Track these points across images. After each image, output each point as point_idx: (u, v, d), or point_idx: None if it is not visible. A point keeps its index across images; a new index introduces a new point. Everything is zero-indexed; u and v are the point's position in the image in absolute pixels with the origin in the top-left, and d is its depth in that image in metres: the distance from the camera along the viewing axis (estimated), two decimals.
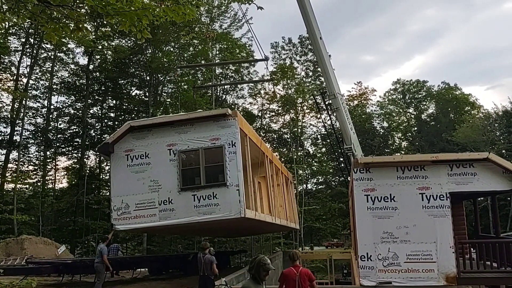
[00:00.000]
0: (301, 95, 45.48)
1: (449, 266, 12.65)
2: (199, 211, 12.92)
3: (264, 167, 17.84)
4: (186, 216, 12.98)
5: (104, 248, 14.28)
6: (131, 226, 13.47)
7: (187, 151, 13.45)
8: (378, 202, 13.22)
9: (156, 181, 13.35)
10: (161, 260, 20.58)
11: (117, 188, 13.64)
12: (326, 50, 22.18)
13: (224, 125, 13.33)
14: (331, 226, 45.82)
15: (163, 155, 13.48)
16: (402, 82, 63.92)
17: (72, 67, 40.79)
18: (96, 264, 14.07)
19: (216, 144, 13.25)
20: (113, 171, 13.98)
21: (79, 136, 40.68)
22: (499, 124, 50.76)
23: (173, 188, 13.19)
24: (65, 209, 38.74)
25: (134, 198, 13.33)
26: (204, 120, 13.55)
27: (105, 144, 14.11)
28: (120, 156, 13.75)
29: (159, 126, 13.82)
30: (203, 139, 13.36)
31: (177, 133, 13.58)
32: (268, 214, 17.54)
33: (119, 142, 13.85)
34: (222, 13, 43.00)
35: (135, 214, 13.28)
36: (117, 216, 13.40)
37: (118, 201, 13.46)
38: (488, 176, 12.96)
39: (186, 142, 13.46)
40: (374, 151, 50.01)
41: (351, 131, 22.23)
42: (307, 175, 50.93)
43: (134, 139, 13.78)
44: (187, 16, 6.84)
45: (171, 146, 13.49)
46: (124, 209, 13.33)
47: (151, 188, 13.32)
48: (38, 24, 7.72)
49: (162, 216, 13.14)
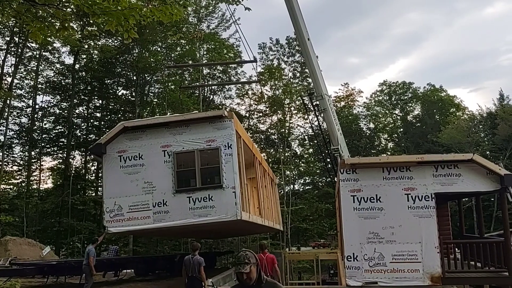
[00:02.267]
0: (288, 96, 45.56)
1: (434, 266, 12.78)
2: (195, 213, 12.81)
3: (254, 168, 17.85)
4: (181, 218, 12.86)
5: (92, 250, 14.05)
6: (124, 228, 13.31)
7: (182, 153, 13.31)
8: (364, 202, 13.30)
9: (150, 182, 13.18)
10: (148, 261, 20.44)
11: (109, 189, 13.42)
12: (313, 51, 22.24)
13: (220, 126, 13.26)
14: (318, 226, 45.93)
15: (158, 156, 13.32)
16: (388, 84, 64.44)
17: (57, 66, 40.37)
18: (84, 266, 13.90)
19: (212, 146, 13.17)
20: (105, 172, 13.75)
21: (65, 136, 40.28)
22: (483, 125, 51.47)
23: (168, 190, 13.05)
24: (50, 210, 38.29)
25: (127, 200, 13.14)
26: (200, 121, 13.45)
27: (97, 144, 13.87)
28: (113, 157, 13.54)
29: (153, 127, 13.66)
30: (199, 140, 13.26)
31: (171, 134, 13.45)
32: (259, 216, 17.55)
33: (112, 142, 13.64)
34: (210, 13, 42.94)
35: (128, 216, 13.10)
36: (110, 218, 13.19)
37: (110, 203, 13.25)
38: (473, 177, 13.12)
39: (181, 143, 13.33)
40: (361, 152, 50.28)
41: (338, 132, 22.33)
42: (294, 175, 51.03)
43: (128, 139, 13.58)
44: (175, 16, 6.82)
45: (166, 147, 13.34)
46: (117, 211, 13.13)
47: (145, 190, 13.15)
48: (23, 22, 7.64)
49: (156, 218, 12.98)
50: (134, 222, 13.11)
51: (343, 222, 13.51)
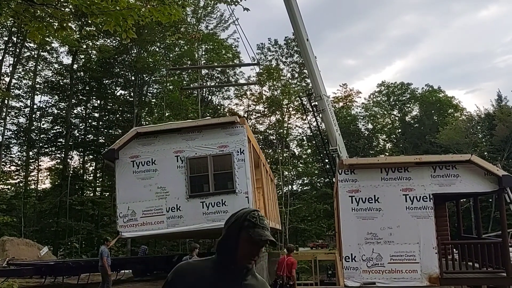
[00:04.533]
0: (287, 96, 45.61)
1: (432, 266, 12.80)
2: (208, 218, 12.99)
3: (259, 170, 17.94)
4: (195, 223, 13.03)
5: (105, 250, 13.63)
6: (138, 233, 13.41)
7: (195, 158, 13.41)
8: (362, 203, 13.33)
9: (163, 187, 13.30)
10: (145, 262, 20.41)
11: (123, 194, 13.52)
12: (312, 51, 22.28)
13: (232, 132, 13.44)
14: (316, 227, 46.02)
15: (170, 161, 13.45)
16: (386, 85, 64.47)
17: (55, 66, 40.33)
18: (100, 267, 13.69)
19: (225, 152, 13.33)
20: (118, 178, 13.82)
21: (63, 136, 40.21)
22: (481, 126, 51.53)
23: (181, 195, 13.20)
24: (47, 210, 38.22)
25: (140, 205, 13.23)
26: (212, 127, 13.63)
27: (110, 150, 13.99)
28: (125, 162, 13.64)
29: (166, 132, 13.82)
30: (211, 146, 13.40)
31: (184, 139, 13.58)
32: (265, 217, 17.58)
33: (125, 148, 13.75)
34: (208, 13, 42.92)
35: (142, 221, 13.20)
36: (123, 223, 13.28)
37: (124, 208, 13.34)
38: (471, 178, 13.15)
39: (193, 149, 13.47)
40: (359, 152, 50.38)
41: (336, 133, 22.35)
42: (293, 176, 51.08)
43: (140, 145, 13.69)
44: (173, 17, 6.80)
45: (179, 152, 13.47)
46: (130, 216, 13.22)
47: (158, 195, 13.27)
48: (21, 22, 7.62)
49: (170, 223, 13.12)
50: (148, 227, 13.21)
51: (341, 222, 13.54)
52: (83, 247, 37.57)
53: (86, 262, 17.69)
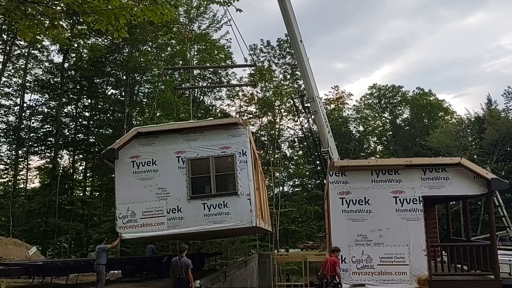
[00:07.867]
0: (279, 97, 45.64)
1: (421, 268, 12.89)
2: (210, 220, 12.91)
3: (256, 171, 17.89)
4: (196, 224, 12.94)
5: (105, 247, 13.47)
6: (138, 234, 13.25)
7: (196, 159, 13.32)
8: (353, 205, 13.39)
9: (164, 188, 13.20)
10: (135, 262, 20.29)
11: (122, 195, 13.36)
12: (306, 53, 22.31)
13: (235, 133, 13.42)
14: (307, 228, 46.07)
15: (171, 162, 13.35)
16: (378, 87, 64.80)
17: (46, 65, 39.88)
18: (96, 265, 13.55)
19: (227, 153, 13.29)
20: (118, 178, 13.66)
21: (53, 135, 39.84)
22: (471, 130, 51.94)
23: (182, 196, 13.10)
24: (36, 209, 37.84)
25: (140, 205, 13.11)
26: (214, 128, 13.58)
27: (110, 149, 13.79)
28: (125, 163, 13.51)
29: (167, 132, 13.70)
30: (213, 147, 13.36)
31: (186, 140, 13.51)
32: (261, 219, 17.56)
33: (125, 148, 13.63)
34: (201, 14, 42.81)
35: (142, 223, 13.08)
36: (123, 224, 13.13)
37: (123, 208, 13.20)
38: (460, 181, 13.26)
39: (195, 149, 13.40)
40: (350, 154, 50.50)
41: (328, 134, 22.40)
42: (284, 177, 51.12)
43: (141, 145, 13.58)
44: (165, 17, 6.80)
45: (180, 153, 13.39)
46: (130, 217, 13.10)
47: (159, 196, 13.17)
48: (12, 20, 7.55)
49: (170, 224, 13.01)
50: (148, 228, 13.09)
51: (332, 224, 13.58)
52: (72, 247, 37.27)
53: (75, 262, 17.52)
